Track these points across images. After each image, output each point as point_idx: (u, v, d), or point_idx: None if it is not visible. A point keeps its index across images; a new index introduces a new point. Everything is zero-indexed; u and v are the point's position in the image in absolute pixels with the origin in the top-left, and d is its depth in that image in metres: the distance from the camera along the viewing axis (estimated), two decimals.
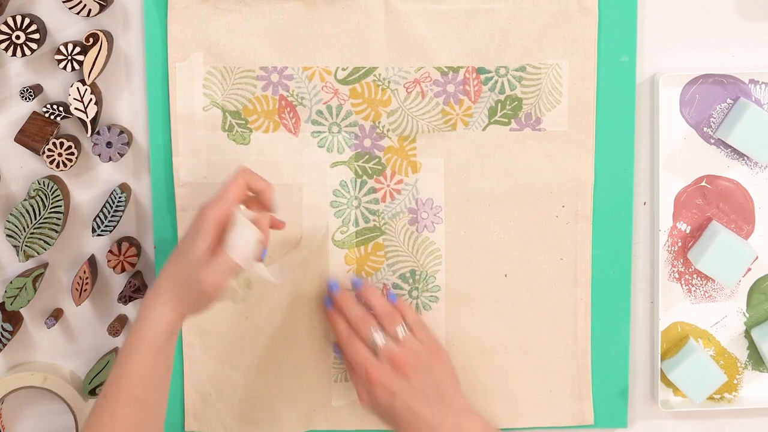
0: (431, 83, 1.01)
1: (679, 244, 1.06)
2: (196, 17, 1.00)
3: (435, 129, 1.02)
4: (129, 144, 1.01)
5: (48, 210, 1.00)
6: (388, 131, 1.02)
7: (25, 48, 0.97)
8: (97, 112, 0.99)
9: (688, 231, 1.05)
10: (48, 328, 1.03)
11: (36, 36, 0.97)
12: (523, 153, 1.03)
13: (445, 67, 1.01)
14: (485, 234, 1.04)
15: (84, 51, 0.98)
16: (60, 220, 1.00)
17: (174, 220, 1.03)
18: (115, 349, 1.06)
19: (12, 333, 1.02)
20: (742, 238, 1.05)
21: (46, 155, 1.00)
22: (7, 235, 1.01)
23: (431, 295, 1.05)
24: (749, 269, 1.06)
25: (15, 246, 1.01)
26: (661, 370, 1.06)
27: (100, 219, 1.01)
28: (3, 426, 1.08)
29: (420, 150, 1.03)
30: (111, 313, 1.06)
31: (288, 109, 1.02)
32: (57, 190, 1.00)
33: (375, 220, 1.04)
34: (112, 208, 1.01)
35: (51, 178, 1.01)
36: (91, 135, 1.00)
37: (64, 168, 1.00)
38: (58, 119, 1.00)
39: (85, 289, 1.02)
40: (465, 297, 1.05)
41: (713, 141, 1.04)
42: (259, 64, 1.01)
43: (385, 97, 1.02)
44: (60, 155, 1.00)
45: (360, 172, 1.03)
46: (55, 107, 1.00)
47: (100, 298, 1.06)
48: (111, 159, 1.00)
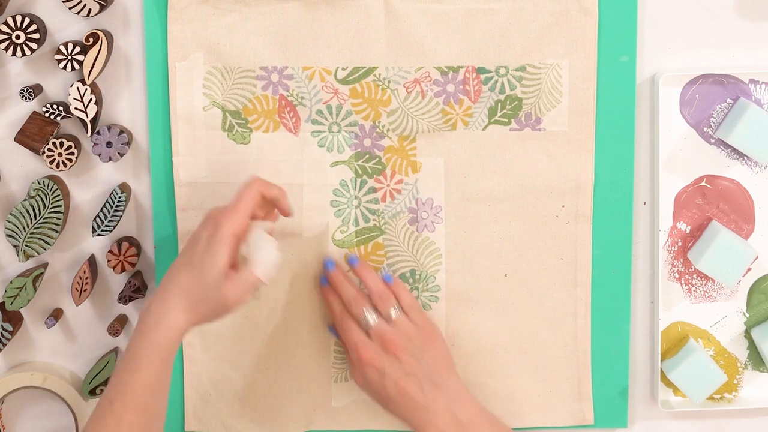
0: (431, 83, 1.01)
1: (679, 244, 1.05)
2: (196, 17, 1.00)
3: (435, 129, 1.02)
4: (129, 144, 1.01)
5: (48, 210, 1.00)
6: (388, 131, 1.02)
7: (25, 48, 0.97)
8: (97, 112, 0.99)
9: (688, 231, 1.05)
10: (48, 328, 1.03)
11: (36, 36, 0.97)
12: (523, 153, 1.03)
13: (445, 67, 1.01)
14: (485, 234, 1.04)
15: (84, 51, 0.98)
16: (60, 220, 1.00)
17: (174, 220, 1.03)
18: (116, 349, 1.06)
19: (12, 333, 1.02)
20: (742, 238, 1.05)
21: (46, 155, 1.00)
22: (7, 235, 1.01)
23: (431, 295, 1.05)
24: (749, 269, 1.06)
25: (15, 246, 1.01)
26: (661, 370, 1.06)
27: (100, 219, 1.01)
28: (3, 426, 1.08)
29: (420, 150, 1.03)
30: (111, 313, 1.06)
31: (288, 109, 1.02)
32: (57, 190, 1.00)
33: (375, 219, 1.04)
34: (112, 208, 1.01)
35: (51, 178, 1.01)
36: (91, 135, 1.00)
37: (64, 168, 1.00)
38: (58, 119, 1.00)
39: (85, 289, 1.02)
40: (465, 297, 1.05)
41: (713, 141, 1.04)
42: (259, 63, 1.01)
43: (385, 97, 1.02)
44: (60, 155, 1.00)
45: (360, 171, 1.03)
46: (55, 107, 1.00)
47: (100, 298, 1.06)
48: (111, 159, 1.00)
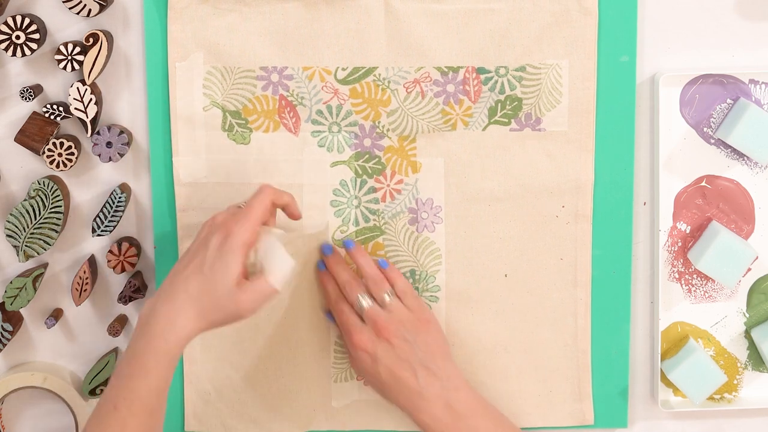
0: (431, 83, 1.01)
1: (679, 244, 1.05)
2: (196, 17, 1.00)
3: (435, 129, 1.02)
4: (129, 144, 1.01)
5: (48, 210, 1.00)
6: (388, 131, 1.02)
7: (25, 48, 0.97)
8: (97, 112, 0.99)
9: (688, 231, 1.05)
10: (48, 328, 1.03)
11: (36, 36, 0.97)
12: (523, 153, 1.03)
13: (445, 67, 1.01)
14: (485, 234, 1.04)
15: (84, 51, 0.98)
16: (60, 220, 1.00)
17: (174, 220, 1.03)
18: (116, 349, 1.06)
19: (12, 333, 1.02)
20: (742, 238, 1.05)
21: (46, 155, 1.00)
22: (7, 235, 1.01)
23: (431, 295, 1.05)
24: (749, 269, 1.06)
25: (15, 246, 1.01)
26: (661, 370, 1.06)
27: (100, 219, 1.01)
28: (3, 426, 1.08)
29: (420, 150, 1.03)
30: (111, 313, 1.06)
31: (288, 109, 1.02)
32: (57, 190, 1.00)
33: (375, 219, 1.04)
34: (112, 208, 1.01)
35: (51, 178, 1.01)
36: (91, 135, 1.00)
37: (64, 168, 1.00)
38: (58, 119, 1.00)
39: (85, 289, 1.02)
40: (465, 297, 1.05)
41: (713, 141, 1.04)
42: (259, 64, 1.01)
43: (385, 97, 1.02)
44: (60, 155, 1.00)
45: (360, 171, 1.03)
46: (55, 107, 1.00)
47: (100, 298, 1.06)
48: (111, 159, 1.00)
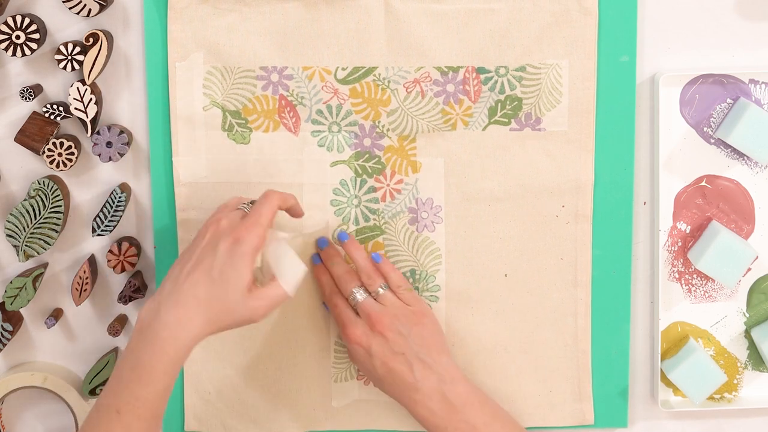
0: (431, 83, 1.01)
1: (679, 244, 1.05)
2: (196, 17, 1.00)
3: (435, 129, 1.02)
4: (129, 144, 1.01)
5: (48, 210, 1.00)
6: (387, 131, 1.02)
7: (25, 48, 0.97)
8: (97, 112, 0.99)
9: (688, 231, 1.05)
10: (48, 328, 1.03)
11: (36, 36, 0.97)
12: (523, 153, 1.03)
13: (445, 67, 1.01)
14: (485, 234, 1.04)
15: (84, 51, 0.98)
16: (60, 220, 1.00)
17: (174, 220, 1.03)
18: (116, 349, 1.06)
19: (12, 333, 1.02)
20: (742, 238, 1.05)
21: (46, 155, 1.00)
22: (7, 235, 1.01)
23: (431, 295, 1.05)
24: (749, 269, 1.06)
25: (15, 246, 1.01)
26: (661, 370, 1.06)
27: (100, 219, 1.01)
28: (3, 426, 1.08)
29: (420, 150, 1.03)
30: (111, 313, 1.06)
31: (288, 109, 1.02)
32: (57, 190, 1.00)
33: (375, 219, 1.04)
34: (112, 208, 1.01)
35: (51, 178, 1.01)
36: (91, 135, 1.00)
37: (64, 168, 1.00)
38: (58, 119, 1.00)
39: (85, 289, 1.02)
40: (465, 297, 1.05)
41: (713, 141, 1.04)
42: (259, 63, 1.01)
43: (385, 97, 1.02)
44: (60, 155, 1.00)
45: (360, 171, 1.03)
46: (55, 107, 1.00)
47: (100, 298, 1.06)
48: (111, 159, 1.00)
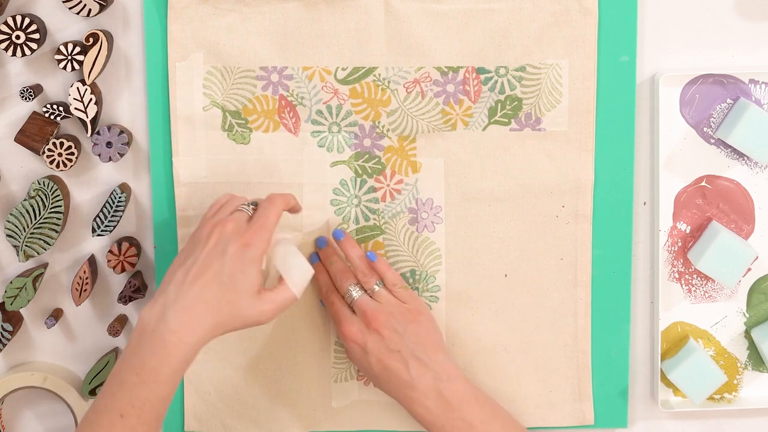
0: (431, 83, 1.01)
1: (679, 244, 1.05)
2: (196, 17, 1.00)
3: (435, 129, 1.02)
4: (129, 144, 1.01)
5: (48, 210, 1.00)
6: (387, 131, 1.02)
7: (25, 48, 0.97)
8: (97, 112, 0.99)
9: (688, 231, 1.05)
10: (48, 328, 1.03)
11: (36, 36, 0.97)
12: (523, 153, 1.03)
13: (445, 67, 1.01)
14: (485, 234, 1.04)
15: (84, 51, 0.98)
16: (60, 220, 1.00)
17: (174, 220, 1.03)
18: (116, 349, 1.06)
19: (12, 333, 1.02)
20: (742, 238, 1.05)
21: (46, 155, 1.00)
22: (7, 235, 1.01)
23: (431, 295, 1.05)
24: (749, 269, 1.06)
25: (15, 246, 1.01)
26: (661, 370, 1.06)
27: (100, 219, 1.01)
28: (3, 426, 1.08)
29: (420, 150, 1.03)
30: (111, 313, 1.06)
31: (288, 109, 1.02)
32: (57, 190, 1.00)
33: (375, 218, 1.04)
34: (112, 208, 1.01)
35: (51, 178, 1.01)
36: (91, 135, 1.00)
37: (64, 168, 1.00)
38: (58, 119, 1.00)
39: (85, 289, 1.02)
40: (465, 297, 1.05)
41: (713, 141, 1.04)
42: (259, 64, 1.01)
43: (385, 97, 1.02)
44: (60, 155, 1.00)
45: (360, 171, 1.03)
46: (55, 107, 1.00)
47: (100, 298, 1.06)
48: (111, 159, 1.00)
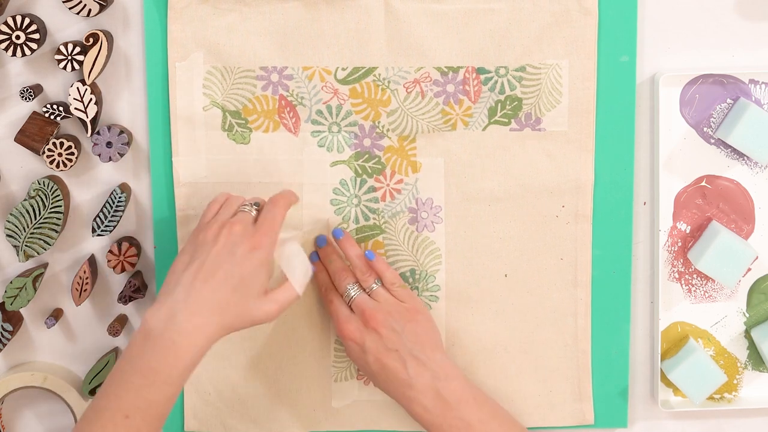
0: (431, 83, 1.01)
1: (679, 244, 1.05)
2: (196, 17, 1.00)
3: (435, 129, 1.02)
4: (129, 144, 1.01)
5: (48, 210, 1.00)
6: (387, 131, 1.02)
7: (25, 48, 0.97)
8: (97, 112, 0.99)
9: (688, 231, 1.05)
10: (48, 328, 1.03)
11: (36, 36, 0.97)
12: (523, 153, 1.03)
13: (445, 67, 1.01)
14: (485, 234, 1.04)
15: (84, 51, 0.98)
16: (60, 220, 1.00)
17: (174, 220, 1.03)
18: (116, 349, 1.06)
19: (12, 333, 1.02)
20: (742, 238, 1.05)
21: (46, 155, 1.00)
22: (7, 235, 1.01)
23: (431, 295, 1.05)
24: (749, 269, 1.06)
25: (15, 246, 1.01)
26: (661, 370, 1.06)
27: (100, 219, 1.01)
28: (3, 426, 1.08)
29: (420, 150, 1.03)
30: (111, 313, 1.06)
31: (288, 109, 1.02)
32: (57, 190, 1.00)
33: (375, 218, 1.04)
34: (112, 208, 1.01)
35: (51, 178, 1.01)
36: (91, 135, 1.00)
37: (64, 168, 1.00)
38: (58, 119, 1.00)
39: (85, 289, 1.02)
40: (465, 297, 1.05)
41: (713, 141, 1.04)
42: (259, 64, 1.01)
43: (385, 97, 1.02)
44: (60, 155, 1.00)
45: (360, 171, 1.03)
46: (55, 107, 1.00)
47: (100, 298, 1.06)
48: (111, 159, 1.00)
